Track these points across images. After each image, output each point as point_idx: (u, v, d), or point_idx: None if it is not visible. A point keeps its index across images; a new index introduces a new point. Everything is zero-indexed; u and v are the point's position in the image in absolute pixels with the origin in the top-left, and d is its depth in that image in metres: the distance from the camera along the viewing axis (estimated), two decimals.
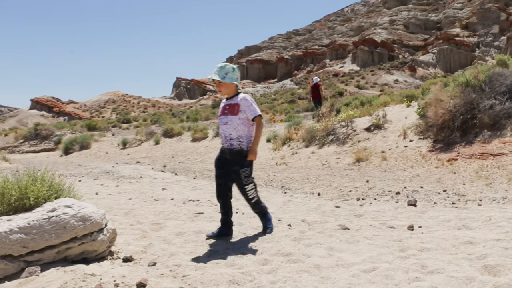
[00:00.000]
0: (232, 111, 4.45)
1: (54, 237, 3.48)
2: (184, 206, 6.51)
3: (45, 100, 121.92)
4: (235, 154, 4.45)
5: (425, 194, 6.49)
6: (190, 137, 19.46)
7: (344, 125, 12.28)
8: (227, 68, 4.49)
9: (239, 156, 4.44)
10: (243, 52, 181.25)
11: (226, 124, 4.49)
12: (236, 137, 4.45)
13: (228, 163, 4.52)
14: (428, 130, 10.26)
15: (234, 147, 4.46)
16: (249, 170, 4.52)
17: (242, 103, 4.45)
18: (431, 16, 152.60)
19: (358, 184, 7.71)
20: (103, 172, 11.89)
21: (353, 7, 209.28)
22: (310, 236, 4.44)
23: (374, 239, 4.24)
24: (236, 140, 4.46)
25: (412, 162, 9.16)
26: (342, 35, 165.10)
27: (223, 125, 4.53)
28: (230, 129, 4.46)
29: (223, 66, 4.49)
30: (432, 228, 4.57)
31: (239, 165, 4.44)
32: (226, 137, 4.51)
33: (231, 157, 4.48)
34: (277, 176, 9.39)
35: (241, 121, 4.44)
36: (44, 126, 28.92)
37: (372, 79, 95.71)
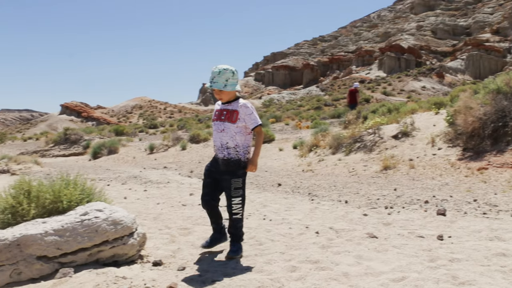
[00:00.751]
0: (231, 118, 4.09)
1: (87, 240, 3.56)
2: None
3: (74, 105, 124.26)
4: (232, 165, 4.10)
5: (454, 203, 6.39)
6: None
7: (371, 132, 12.18)
8: (227, 74, 4.07)
9: (236, 167, 4.10)
10: (269, 59, 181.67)
11: (223, 131, 4.11)
12: (233, 147, 4.09)
13: (220, 172, 4.17)
14: (458, 138, 10.10)
15: (231, 157, 4.10)
16: (241, 182, 4.14)
17: (242, 110, 4.11)
18: (459, 21, 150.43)
19: (385, 192, 7.64)
20: (131, 176, 12.04)
21: (379, 13, 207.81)
22: (338, 243, 4.42)
23: (403, 248, 4.21)
24: (233, 150, 4.09)
25: (441, 170, 9.04)
26: (369, 41, 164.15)
27: (219, 132, 4.14)
28: (226, 137, 4.09)
29: (221, 71, 4.05)
30: (462, 239, 4.50)
31: (231, 175, 4.09)
32: (222, 145, 4.12)
33: (227, 168, 4.11)
34: (304, 183, 9.37)
35: (238, 129, 4.10)
36: (73, 131, 29.46)
37: (399, 85, 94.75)
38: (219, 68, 4.05)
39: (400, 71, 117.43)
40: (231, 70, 4.10)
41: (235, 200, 4.12)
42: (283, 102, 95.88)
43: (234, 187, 4.09)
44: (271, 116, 38.57)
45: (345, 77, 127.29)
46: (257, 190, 8.75)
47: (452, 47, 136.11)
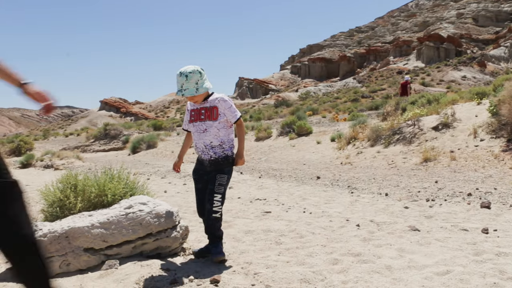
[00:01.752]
0: (211, 116, 3.86)
1: (131, 233, 3.64)
2: (251, 204, 6.59)
3: (113, 101, 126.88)
4: (221, 163, 3.89)
5: (499, 196, 6.24)
6: (254, 136, 19.62)
7: (411, 124, 11.97)
8: (195, 76, 3.75)
9: (225, 164, 3.90)
10: (305, 51, 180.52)
11: (206, 131, 3.88)
12: (218, 144, 3.88)
13: (207, 172, 3.94)
14: (501, 129, 9.83)
15: (218, 156, 3.89)
16: (226, 180, 3.90)
17: (221, 105, 3.87)
18: (504, 7, 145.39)
19: (426, 184, 7.51)
20: (170, 171, 12.23)
21: (417, 2, 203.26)
22: (380, 236, 4.39)
23: (446, 241, 4.14)
24: (219, 148, 3.89)
25: (483, 162, 8.82)
26: (406, 31, 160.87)
27: (202, 133, 3.90)
28: (210, 137, 3.87)
29: (189, 76, 3.71)
30: (509, 232, 4.39)
31: (217, 171, 3.87)
32: (206, 146, 3.89)
33: (216, 167, 3.88)
34: (343, 176, 9.31)
35: (221, 125, 3.88)
36: (112, 126, 30.07)
37: (438, 76, 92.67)
38: (185, 72, 3.72)
39: (439, 61, 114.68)
40: (198, 71, 3.77)
41: (217, 197, 3.82)
42: (319, 94, 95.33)
43: (219, 183, 3.84)
44: (308, 109, 38.41)
45: (382, 68, 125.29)
46: (296, 183, 8.75)
47: (495, 34, 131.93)
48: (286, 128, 18.30)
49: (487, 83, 71.54)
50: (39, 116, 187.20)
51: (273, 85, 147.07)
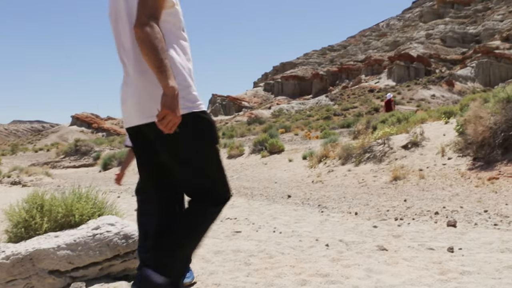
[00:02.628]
0: None
1: (98, 254, 3.60)
2: (221, 224, 6.58)
3: (85, 116, 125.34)
4: None
5: (465, 214, 6.37)
6: (226, 154, 19.63)
7: (381, 142, 12.17)
8: None
9: None
10: (278, 69, 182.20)
11: None
12: None
13: None
14: (468, 147, 10.07)
15: None
16: None
17: None
18: (469, 29, 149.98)
19: (395, 203, 7.63)
20: None
21: (388, 22, 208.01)
22: (348, 256, 4.43)
23: (413, 260, 4.20)
24: None
25: (451, 180, 9.00)
26: (378, 50, 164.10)
27: None
28: None
29: None
30: (473, 251, 4.49)
31: None
32: None
33: None
34: (314, 195, 9.38)
35: None
36: (83, 142, 29.73)
37: (408, 94, 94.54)
38: None
39: (409, 79, 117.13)
40: None
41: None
42: (292, 112, 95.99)
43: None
44: (281, 126, 38.63)
45: (354, 86, 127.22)
46: (267, 202, 8.77)
47: (461, 55, 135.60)
48: (258, 146, 18.36)
49: (455, 101, 73.27)
50: (7, 131, 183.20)
51: (246, 102, 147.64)
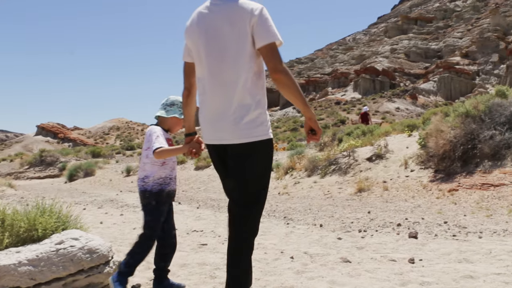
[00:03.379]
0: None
1: (61, 270, 3.55)
2: (188, 236, 6.57)
3: (51, 126, 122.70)
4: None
5: (426, 225, 6.55)
6: (193, 166, 19.56)
7: (346, 154, 12.37)
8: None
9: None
10: None
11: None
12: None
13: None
14: (429, 160, 10.35)
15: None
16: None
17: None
18: (431, 45, 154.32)
19: (359, 215, 7.77)
20: (107, 200, 11.96)
21: (354, 36, 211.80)
22: (312, 269, 4.49)
23: (376, 272, 4.30)
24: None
25: (413, 192, 9.23)
26: (344, 63, 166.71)
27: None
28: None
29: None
30: (433, 261, 4.62)
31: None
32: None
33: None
34: (280, 206, 9.45)
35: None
36: (49, 153, 29.12)
37: (373, 107, 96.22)
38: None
39: (374, 92, 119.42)
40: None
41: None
42: None
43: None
44: None
45: (321, 98, 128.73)
46: None
47: (424, 69, 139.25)
48: None
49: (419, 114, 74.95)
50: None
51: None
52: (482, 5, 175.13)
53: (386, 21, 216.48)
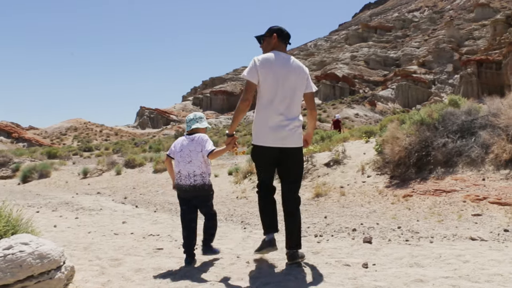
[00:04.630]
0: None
1: (9, 276, 3.45)
2: (144, 241, 6.50)
3: (4, 125, 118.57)
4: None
5: (380, 231, 6.68)
6: (152, 168, 19.35)
7: (305, 160, 12.49)
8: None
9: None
10: (207, 83, 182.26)
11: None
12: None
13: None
14: (385, 166, 10.57)
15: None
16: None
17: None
18: (390, 53, 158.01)
19: (316, 220, 7.85)
20: (62, 202, 11.69)
21: (316, 42, 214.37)
22: (268, 274, 4.52)
23: (330, 277, 4.36)
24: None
25: (369, 197, 9.40)
26: None
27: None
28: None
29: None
30: (385, 266, 4.72)
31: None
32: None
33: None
34: (238, 211, 9.46)
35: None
36: (1, 153, 28.19)
37: (333, 112, 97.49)
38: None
39: (335, 98, 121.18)
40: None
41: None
42: (220, 127, 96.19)
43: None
44: None
45: None
46: None
47: (383, 77, 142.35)
48: None
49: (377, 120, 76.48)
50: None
51: (175, 116, 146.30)
52: (438, 17, 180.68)
53: (347, 28, 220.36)
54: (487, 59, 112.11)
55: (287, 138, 4.56)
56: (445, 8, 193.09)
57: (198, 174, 5.00)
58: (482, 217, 7.01)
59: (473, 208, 7.47)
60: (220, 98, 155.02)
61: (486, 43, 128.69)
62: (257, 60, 4.55)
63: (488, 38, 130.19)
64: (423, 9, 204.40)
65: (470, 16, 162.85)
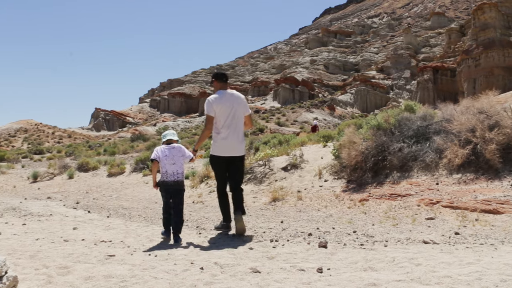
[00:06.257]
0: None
1: None
2: (95, 247, 6.29)
3: None
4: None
5: (336, 235, 6.69)
6: (106, 172, 18.92)
7: (262, 164, 12.46)
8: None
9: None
10: (165, 85, 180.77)
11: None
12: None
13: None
14: (342, 170, 10.65)
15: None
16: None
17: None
18: (349, 58, 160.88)
19: (272, 224, 7.81)
20: (9, 208, 11.23)
21: (276, 46, 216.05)
22: (222, 279, 4.43)
23: (284, 282, 4.30)
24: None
25: (326, 202, 9.42)
26: (265, 72, 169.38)
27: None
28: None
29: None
30: (340, 270, 4.71)
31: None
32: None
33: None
34: (193, 216, 9.33)
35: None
36: None
37: (292, 116, 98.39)
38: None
39: (294, 102, 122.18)
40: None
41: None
42: (178, 130, 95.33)
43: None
44: None
45: None
46: (145, 223, 8.56)
47: (342, 81, 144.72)
48: (140, 164, 17.90)
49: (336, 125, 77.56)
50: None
51: (131, 118, 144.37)
52: (396, 23, 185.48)
53: (307, 32, 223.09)
54: (442, 66, 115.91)
55: (235, 149, 6.78)
56: (403, 15, 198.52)
57: (180, 173, 6.76)
58: (435, 221, 7.13)
59: (427, 212, 7.59)
60: (178, 100, 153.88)
61: (441, 50, 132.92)
62: (211, 100, 6.60)
63: (443, 46, 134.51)
64: (382, 15, 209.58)
65: (427, 24, 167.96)
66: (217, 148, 6.73)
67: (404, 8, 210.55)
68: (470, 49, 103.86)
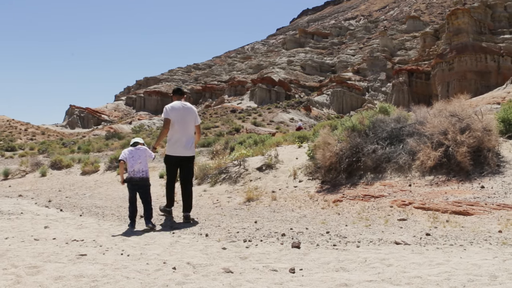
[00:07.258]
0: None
1: None
2: (66, 246, 6.20)
3: None
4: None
5: (309, 235, 6.73)
6: (80, 170, 18.67)
7: (237, 164, 12.46)
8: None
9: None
10: (141, 83, 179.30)
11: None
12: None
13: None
14: (317, 171, 10.71)
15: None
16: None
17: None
18: (326, 59, 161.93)
19: (246, 224, 7.82)
20: None
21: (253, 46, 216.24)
22: (194, 279, 4.42)
23: (257, 282, 4.32)
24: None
25: (300, 202, 9.46)
26: (242, 72, 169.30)
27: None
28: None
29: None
30: (312, 271, 4.74)
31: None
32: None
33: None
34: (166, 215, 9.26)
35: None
36: None
37: (268, 116, 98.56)
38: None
39: (270, 102, 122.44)
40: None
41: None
42: (153, 128, 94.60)
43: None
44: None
45: (217, 106, 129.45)
46: (118, 223, 8.48)
47: (319, 82, 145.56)
48: (114, 163, 17.71)
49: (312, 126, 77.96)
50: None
51: (106, 116, 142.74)
52: (373, 26, 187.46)
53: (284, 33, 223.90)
54: (417, 69, 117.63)
55: (187, 150, 8.30)
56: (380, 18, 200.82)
57: (145, 170, 7.87)
58: (407, 222, 7.23)
59: (399, 213, 7.69)
60: (154, 99, 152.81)
61: (416, 54, 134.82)
62: (168, 108, 8.19)
63: (418, 49, 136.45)
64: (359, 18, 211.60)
65: (403, 27, 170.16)
66: (170, 149, 8.24)
67: (380, 11, 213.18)
68: (444, 53, 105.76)
